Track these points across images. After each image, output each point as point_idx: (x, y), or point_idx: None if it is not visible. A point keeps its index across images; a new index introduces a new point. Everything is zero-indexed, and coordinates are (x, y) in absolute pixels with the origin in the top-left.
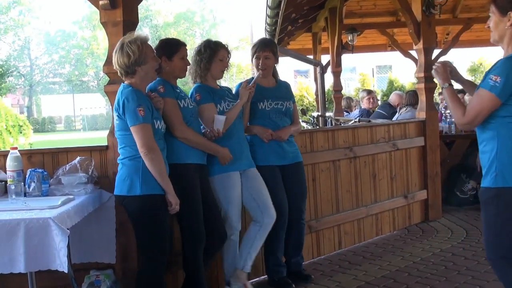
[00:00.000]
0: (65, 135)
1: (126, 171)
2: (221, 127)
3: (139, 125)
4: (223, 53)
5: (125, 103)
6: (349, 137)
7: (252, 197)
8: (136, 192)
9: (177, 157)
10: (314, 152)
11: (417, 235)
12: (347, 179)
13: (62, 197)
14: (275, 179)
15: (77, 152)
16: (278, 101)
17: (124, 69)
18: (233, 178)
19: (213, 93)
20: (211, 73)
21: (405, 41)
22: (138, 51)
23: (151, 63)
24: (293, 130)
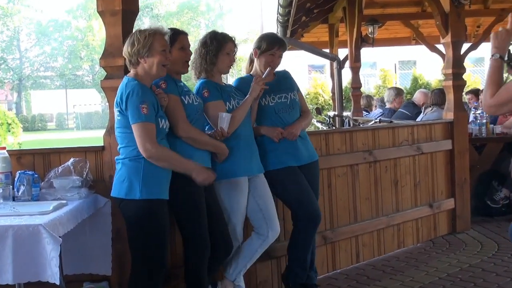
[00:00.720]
0: (57, 134)
1: (126, 172)
2: (226, 126)
3: (140, 123)
4: (230, 46)
5: (129, 97)
6: (369, 139)
7: (259, 207)
8: (135, 196)
9: None
10: (330, 155)
11: (443, 248)
12: (366, 186)
13: (54, 202)
14: (297, 179)
15: (70, 153)
16: (281, 93)
17: (128, 58)
18: (242, 185)
19: (221, 90)
20: (218, 68)
21: (431, 34)
22: (143, 41)
23: (157, 58)
24: (304, 125)
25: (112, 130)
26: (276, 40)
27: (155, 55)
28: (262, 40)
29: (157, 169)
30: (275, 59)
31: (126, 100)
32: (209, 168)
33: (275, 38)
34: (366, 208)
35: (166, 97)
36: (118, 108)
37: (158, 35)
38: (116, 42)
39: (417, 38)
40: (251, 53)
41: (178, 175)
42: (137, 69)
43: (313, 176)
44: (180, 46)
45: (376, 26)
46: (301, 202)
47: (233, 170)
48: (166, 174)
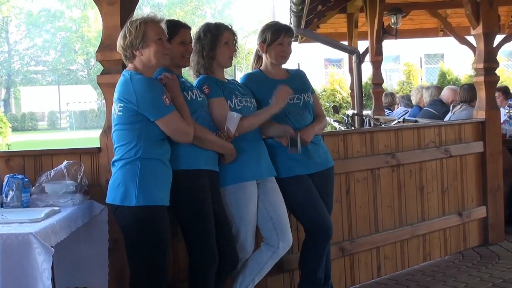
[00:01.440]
0: (49, 135)
1: (121, 176)
2: (234, 126)
3: (170, 114)
4: (227, 35)
5: (144, 92)
6: (391, 140)
7: (269, 215)
8: (130, 202)
9: (185, 162)
10: (348, 158)
11: (473, 262)
12: (388, 192)
13: (46, 209)
14: (307, 190)
15: (63, 155)
16: (293, 94)
17: (123, 53)
18: (249, 190)
19: (222, 86)
20: (218, 62)
21: (460, 25)
22: (134, 32)
23: (153, 47)
24: (318, 129)
25: (109, 130)
26: (280, 27)
27: (150, 45)
28: (265, 31)
29: (156, 172)
30: (285, 48)
31: (140, 96)
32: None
33: (279, 25)
34: (388, 217)
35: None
36: (122, 103)
37: (151, 23)
38: (114, 33)
39: (445, 29)
40: (257, 49)
41: (182, 177)
42: (135, 63)
43: (327, 184)
44: (180, 40)
45: (400, 16)
46: (310, 214)
47: (240, 173)
48: (167, 177)
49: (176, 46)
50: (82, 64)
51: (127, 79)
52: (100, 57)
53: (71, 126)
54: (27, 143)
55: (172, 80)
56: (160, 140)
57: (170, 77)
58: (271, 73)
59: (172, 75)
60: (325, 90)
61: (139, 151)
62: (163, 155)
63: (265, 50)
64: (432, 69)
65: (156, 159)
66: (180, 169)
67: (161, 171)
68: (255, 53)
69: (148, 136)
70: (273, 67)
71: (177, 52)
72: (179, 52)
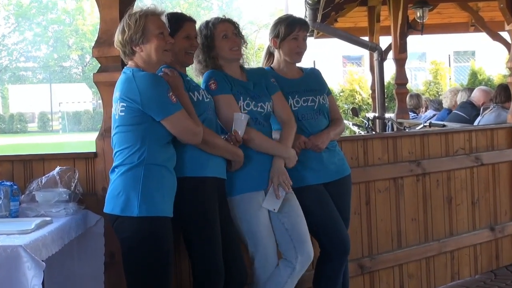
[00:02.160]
0: (40, 138)
1: (121, 183)
2: (242, 129)
3: (178, 112)
4: (222, 28)
5: (148, 90)
6: (416, 146)
7: (284, 227)
8: (132, 213)
9: (190, 169)
10: (369, 166)
11: (507, 282)
12: (413, 204)
13: (37, 219)
14: (320, 201)
15: (56, 161)
16: (308, 96)
17: (121, 49)
18: (256, 201)
19: (232, 82)
20: (221, 57)
21: (493, 19)
22: (134, 26)
23: (154, 42)
24: (333, 134)
25: (106, 133)
26: (295, 21)
27: (151, 40)
28: (278, 25)
29: (161, 179)
30: (300, 44)
31: (144, 94)
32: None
33: (293, 19)
34: (412, 231)
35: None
36: (124, 102)
37: (151, 16)
38: (112, 27)
39: (476, 23)
40: (269, 45)
41: (187, 185)
42: (135, 59)
43: (343, 195)
44: (185, 35)
45: (426, 9)
46: (324, 227)
47: (245, 183)
48: (171, 186)
49: (180, 41)
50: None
51: (129, 77)
52: (96, 53)
53: (64, 129)
54: (15, 146)
55: (173, 77)
56: (166, 143)
57: (170, 73)
58: (283, 72)
59: (172, 71)
60: (344, 91)
61: (143, 155)
62: (168, 161)
63: (278, 45)
64: (462, 68)
65: (161, 165)
66: (185, 176)
67: (166, 179)
68: (267, 49)
69: (153, 139)
70: (286, 65)
71: (181, 48)
72: (184, 47)
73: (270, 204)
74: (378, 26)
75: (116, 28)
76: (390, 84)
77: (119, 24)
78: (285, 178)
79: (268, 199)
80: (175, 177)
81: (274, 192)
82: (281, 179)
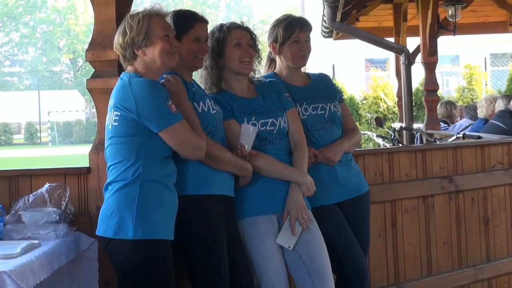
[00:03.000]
0: (27, 151)
1: (115, 203)
2: (250, 143)
3: (179, 123)
4: (236, 34)
5: (145, 97)
6: (449, 161)
7: (301, 259)
8: (126, 235)
9: (193, 186)
10: (395, 183)
11: None
12: (445, 225)
13: (23, 242)
14: (334, 223)
15: (45, 177)
16: (317, 103)
17: (121, 53)
18: (262, 227)
19: (233, 103)
20: (228, 66)
21: None
22: (137, 27)
23: (158, 45)
24: (348, 146)
25: (101, 146)
26: (293, 22)
27: (155, 43)
28: (275, 28)
29: (158, 197)
30: (302, 46)
31: (141, 102)
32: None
33: (292, 19)
34: (444, 256)
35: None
36: (118, 111)
37: (156, 17)
38: (108, 28)
39: None
40: (269, 51)
41: (190, 205)
42: (135, 65)
43: (360, 215)
44: (195, 36)
45: (459, 7)
46: (338, 253)
47: (251, 205)
48: (171, 205)
49: (189, 43)
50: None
51: (125, 83)
52: (90, 57)
53: (53, 141)
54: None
55: (175, 84)
56: (164, 158)
57: (173, 80)
58: (287, 78)
59: (175, 77)
60: (366, 98)
61: (138, 170)
62: (167, 177)
63: (278, 51)
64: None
65: (159, 181)
66: (187, 194)
67: (165, 197)
68: (268, 57)
69: (150, 153)
70: (290, 71)
71: (190, 51)
72: (193, 50)
73: (285, 240)
74: (405, 25)
75: (112, 29)
76: (419, 91)
77: (116, 24)
78: (304, 213)
79: (283, 235)
80: (176, 196)
81: (290, 227)
82: (299, 213)
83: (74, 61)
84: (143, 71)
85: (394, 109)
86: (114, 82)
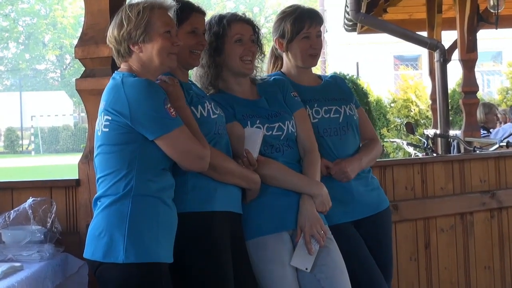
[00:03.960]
0: (7, 161)
1: (104, 221)
2: (256, 148)
3: (178, 129)
4: (237, 29)
5: (139, 100)
6: (490, 173)
7: (319, 284)
8: (117, 258)
9: (194, 201)
10: (428, 198)
11: None
12: (486, 247)
13: (3, 265)
14: (350, 244)
15: (28, 190)
16: (330, 105)
17: (115, 47)
18: (272, 248)
19: (234, 105)
20: (227, 64)
21: None
22: (135, 20)
23: (158, 42)
24: (367, 161)
25: (91, 155)
26: (303, 15)
27: (155, 39)
28: (281, 22)
29: (154, 215)
30: (313, 43)
31: (135, 105)
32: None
33: (301, 11)
34: (485, 282)
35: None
36: (109, 116)
37: (158, 10)
38: (100, 21)
39: None
40: (273, 46)
41: (190, 223)
42: (130, 62)
43: (380, 236)
44: (190, 29)
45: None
46: (355, 277)
47: (256, 224)
48: (169, 223)
49: (184, 36)
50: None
51: (118, 83)
52: (80, 54)
53: (37, 149)
54: None
55: (172, 85)
56: (161, 170)
57: (169, 81)
58: (296, 78)
59: (172, 78)
60: (395, 101)
61: (130, 184)
62: (164, 191)
63: (285, 48)
64: None
65: (154, 196)
66: (187, 211)
67: (161, 215)
68: (271, 52)
69: (144, 163)
70: (299, 71)
71: (185, 46)
72: (188, 45)
73: (301, 261)
74: (439, 18)
75: (104, 22)
76: (456, 93)
77: (110, 16)
78: (319, 228)
79: (298, 255)
80: (175, 212)
81: (305, 246)
82: (314, 229)
83: (61, 58)
84: (138, 70)
85: (427, 113)
86: (107, 82)
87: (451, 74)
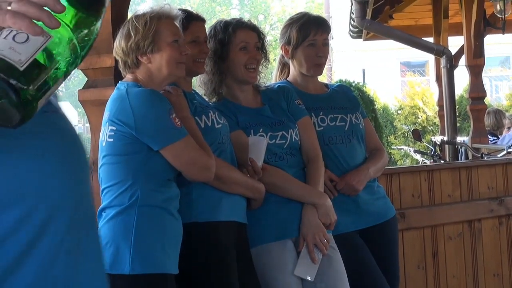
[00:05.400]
0: None
1: (109, 232)
2: (260, 157)
3: (183, 140)
4: (243, 36)
5: (143, 110)
6: (498, 180)
7: None
8: (123, 270)
9: (199, 212)
10: (436, 206)
11: None
12: (494, 254)
13: None
14: (355, 253)
15: None
16: (336, 113)
17: (122, 58)
18: (276, 255)
19: (237, 113)
20: (231, 72)
21: None
22: (143, 30)
23: (167, 52)
24: (374, 171)
25: (95, 166)
26: (309, 21)
27: (163, 49)
28: (288, 29)
29: (160, 226)
30: (319, 51)
31: (139, 116)
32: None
33: (307, 18)
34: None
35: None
36: (114, 126)
37: (165, 20)
38: (102, 31)
39: None
40: (280, 55)
41: (195, 233)
42: (136, 73)
43: (386, 245)
44: (191, 38)
45: (509, 1)
46: (360, 287)
47: (260, 231)
48: (175, 234)
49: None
50: None
51: (122, 94)
52: (82, 64)
53: None
54: None
55: (176, 96)
56: (166, 180)
57: (173, 91)
58: (302, 86)
59: (175, 88)
60: (402, 108)
61: (135, 194)
62: (169, 202)
63: (291, 55)
64: None
65: (160, 207)
66: (193, 221)
67: (167, 225)
68: (279, 61)
69: (149, 174)
70: (304, 79)
71: (188, 56)
72: (191, 54)
73: (304, 270)
74: (446, 23)
75: (107, 31)
76: (463, 99)
77: (112, 26)
78: (322, 236)
79: (302, 264)
80: (181, 223)
81: (308, 255)
82: (317, 237)
83: None
84: (145, 81)
85: (434, 120)
86: (110, 93)
87: (458, 80)
